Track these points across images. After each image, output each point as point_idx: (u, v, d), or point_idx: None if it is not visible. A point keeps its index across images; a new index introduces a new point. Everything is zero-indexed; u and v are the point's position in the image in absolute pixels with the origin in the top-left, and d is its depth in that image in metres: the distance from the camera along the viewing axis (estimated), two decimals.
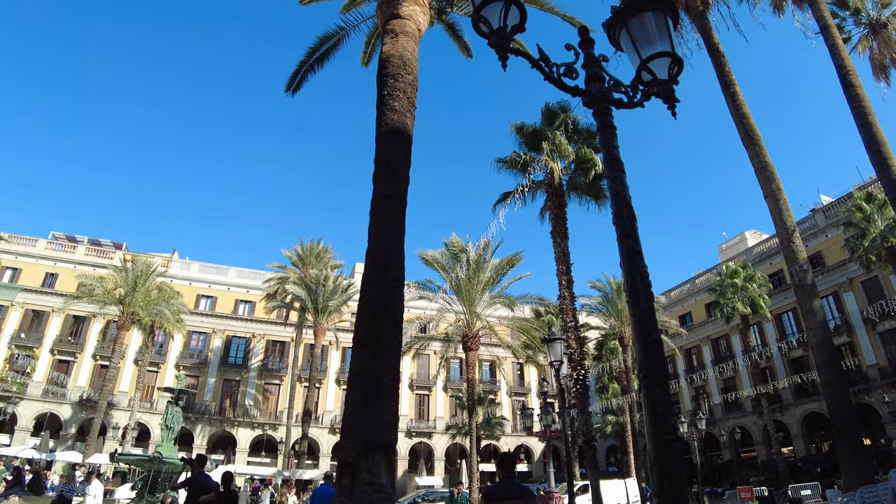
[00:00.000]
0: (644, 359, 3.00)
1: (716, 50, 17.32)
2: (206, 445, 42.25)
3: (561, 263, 20.32)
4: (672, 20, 3.95)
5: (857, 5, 22.33)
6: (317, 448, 44.34)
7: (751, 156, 15.91)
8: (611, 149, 3.65)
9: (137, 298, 35.43)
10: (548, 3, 13.13)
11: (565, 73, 3.77)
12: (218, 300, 48.08)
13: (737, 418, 41.38)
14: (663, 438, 2.80)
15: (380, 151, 8.56)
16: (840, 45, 16.21)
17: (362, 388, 6.70)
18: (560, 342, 12.92)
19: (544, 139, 21.60)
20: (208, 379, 44.88)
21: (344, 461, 6.23)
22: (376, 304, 7.27)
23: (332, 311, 39.41)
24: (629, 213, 3.44)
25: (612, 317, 39.14)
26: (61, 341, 42.26)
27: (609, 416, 44.73)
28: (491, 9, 3.51)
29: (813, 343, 13.88)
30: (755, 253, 43.53)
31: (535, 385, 52.31)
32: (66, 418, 39.74)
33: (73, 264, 44.51)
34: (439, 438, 47.84)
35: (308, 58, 13.74)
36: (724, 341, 44.54)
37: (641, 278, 3.21)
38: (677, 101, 3.95)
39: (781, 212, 14.94)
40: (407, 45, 9.52)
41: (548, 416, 22.60)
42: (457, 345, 33.14)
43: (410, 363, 48.32)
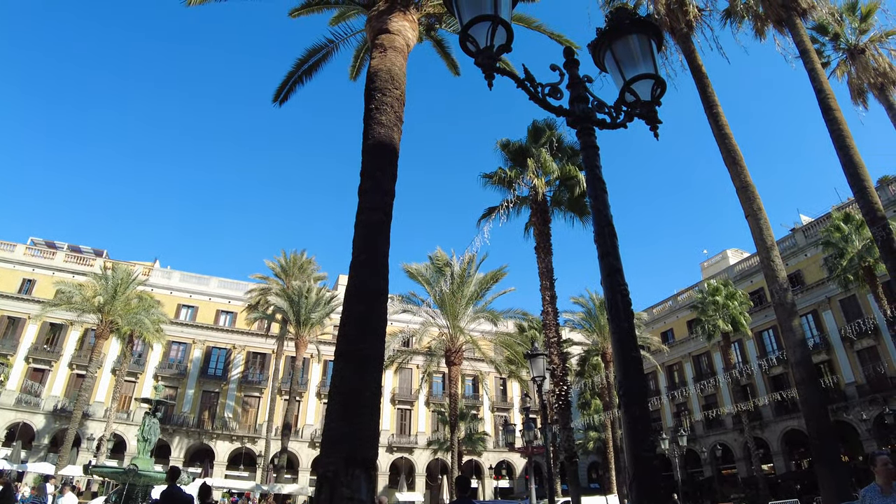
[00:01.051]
0: (623, 376, 3.03)
1: (699, 71, 17.64)
2: (183, 458, 41.51)
3: (545, 279, 20.42)
4: (656, 43, 4.03)
5: (835, 31, 22.90)
6: (296, 462, 43.78)
7: (732, 175, 16.15)
8: (593, 168, 3.70)
9: (117, 307, 34.88)
10: (535, 22, 13.30)
11: (550, 93, 3.82)
12: (199, 310, 47.51)
13: (718, 435, 41.59)
14: (642, 456, 2.82)
15: (366, 164, 8.59)
16: (819, 69, 16.60)
17: (343, 401, 6.66)
18: (543, 357, 12.93)
19: (529, 156, 21.80)
20: (187, 390, 44.21)
21: (323, 475, 6.17)
22: (359, 317, 7.25)
23: (314, 323, 39.15)
24: (610, 232, 3.48)
25: (594, 333, 39.31)
26: (37, 349, 41.39)
27: (591, 433, 44.77)
28: (478, 28, 3.54)
29: (792, 361, 14.04)
30: (736, 271, 44.04)
31: (518, 400, 52.20)
32: (40, 428, 38.83)
33: (52, 271, 43.78)
34: (421, 454, 47.47)
35: (296, 69, 13.77)
36: (705, 358, 44.84)
37: (622, 296, 3.24)
38: (659, 123, 4.02)
39: (762, 231, 15.16)
40: (395, 60, 9.60)
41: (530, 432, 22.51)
42: (440, 359, 33.10)
43: (392, 377, 48.03)
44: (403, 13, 10.31)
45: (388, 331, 8.48)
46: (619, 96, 4.02)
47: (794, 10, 17.18)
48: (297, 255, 44.91)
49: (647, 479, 2.79)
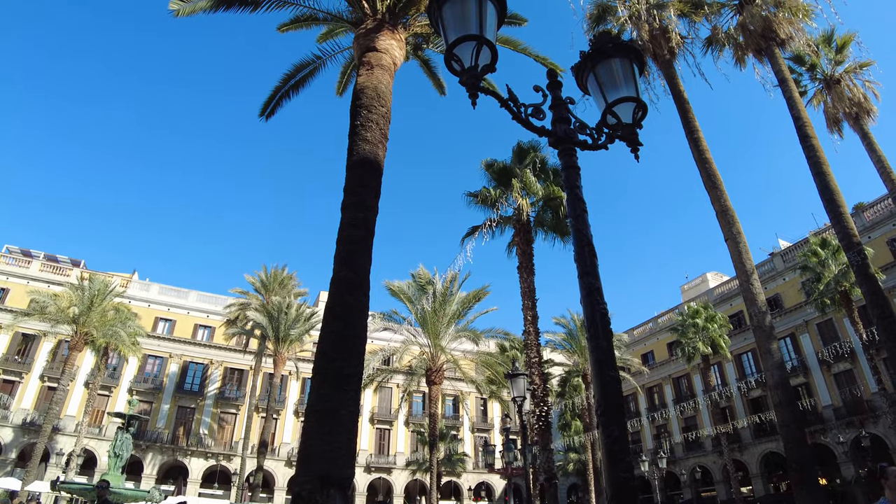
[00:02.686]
0: (602, 396, 3.02)
1: (681, 96, 17.95)
2: (156, 475, 40.56)
3: (527, 299, 20.45)
4: (638, 67, 4.10)
5: (812, 61, 23.53)
6: (272, 481, 43.00)
7: (712, 199, 16.38)
8: (574, 188, 3.73)
9: (93, 318, 34.20)
10: (521, 45, 13.48)
11: (533, 113, 3.87)
12: (176, 324, 46.79)
13: (697, 457, 41.67)
14: (620, 477, 2.81)
15: (350, 180, 8.59)
16: (797, 98, 17.01)
17: (320, 420, 6.57)
18: (523, 378, 12.90)
19: (514, 176, 21.96)
20: (162, 405, 43.36)
21: (298, 495, 6.07)
22: (338, 335, 7.19)
23: (293, 339, 38.74)
24: (590, 251, 3.50)
25: (575, 353, 39.38)
26: (7, 360, 40.32)
27: (571, 454, 44.59)
28: (463, 48, 3.59)
29: (771, 383, 14.15)
30: (716, 294, 44.51)
31: (499, 421, 51.96)
32: (7, 442, 37.70)
33: (27, 279, 42.90)
34: (399, 474, 46.90)
35: (283, 84, 13.77)
36: (685, 380, 45.07)
37: (601, 315, 3.25)
38: (640, 145, 4.08)
39: (741, 254, 15.35)
40: (382, 78, 9.66)
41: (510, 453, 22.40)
42: (420, 378, 32.86)
43: (372, 396, 47.55)
44: (391, 32, 10.41)
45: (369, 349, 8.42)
46: (601, 118, 4.07)
47: (773, 41, 17.62)
48: (277, 270, 44.56)
49: (625, 501, 2.77)
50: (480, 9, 3.65)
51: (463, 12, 3.67)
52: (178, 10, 11.37)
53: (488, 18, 3.68)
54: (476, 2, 3.65)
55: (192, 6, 11.42)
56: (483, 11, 3.65)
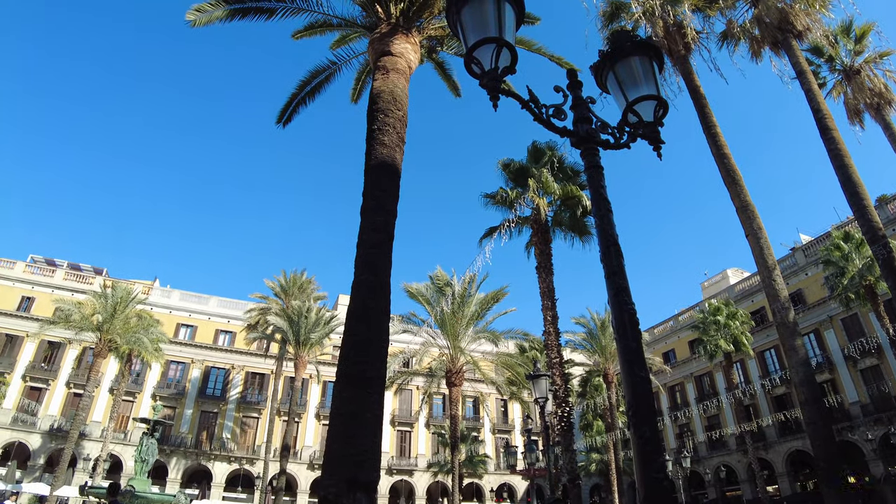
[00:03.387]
0: (632, 396, 3.00)
1: (697, 92, 17.78)
2: (180, 479, 41.05)
3: (546, 299, 20.35)
4: (657, 65, 4.08)
5: (830, 53, 23.17)
6: (295, 484, 43.29)
7: (732, 195, 16.19)
8: (598, 188, 3.72)
9: (116, 326, 34.73)
10: (536, 45, 13.45)
11: (554, 114, 3.86)
12: (198, 329, 47.34)
13: (721, 456, 41.18)
14: (653, 477, 2.79)
15: (368, 184, 8.63)
16: (816, 90, 16.76)
17: (344, 423, 6.60)
18: (545, 378, 12.84)
19: (530, 176, 21.86)
20: (185, 410, 43.87)
21: (325, 498, 6.11)
22: (361, 338, 7.22)
23: (313, 343, 38.97)
24: (616, 251, 3.48)
25: (596, 353, 39.11)
26: (34, 367, 41.12)
27: (593, 454, 44.28)
28: (483, 50, 3.59)
29: (796, 381, 13.95)
30: (737, 291, 43.98)
31: (519, 422, 51.80)
32: (35, 448, 38.41)
33: (51, 288, 43.71)
34: (421, 476, 46.94)
35: (299, 91, 13.89)
36: (707, 379, 44.58)
37: (629, 315, 3.23)
38: (662, 143, 4.05)
39: (762, 250, 15.15)
40: (398, 82, 9.69)
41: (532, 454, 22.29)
42: (440, 380, 32.85)
43: (392, 398, 47.65)
44: (406, 35, 10.44)
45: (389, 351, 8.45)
46: (622, 117, 4.06)
47: (790, 33, 17.38)
48: (297, 274, 44.85)
49: (658, 500, 2.76)
50: (499, 11, 3.64)
51: (482, 15, 3.67)
52: (194, 21, 11.51)
53: (507, 20, 3.67)
54: (494, 4, 3.65)
55: (209, 16, 11.56)
56: (502, 13, 3.65)
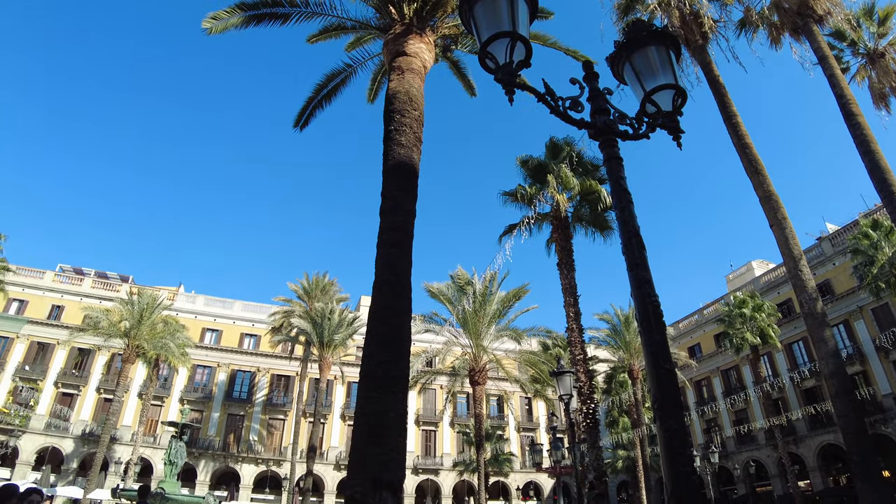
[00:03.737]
0: (657, 389, 2.96)
1: (716, 81, 17.52)
2: (209, 481, 41.64)
3: (568, 295, 20.23)
4: (674, 54, 4.03)
5: (853, 37, 22.64)
6: (322, 485, 43.61)
7: (755, 185, 15.92)
8: (618, 180, 3.68)
9: (143, 331, 35.37)
10: (550, 39, 13.37)
11: (570, 106, 3.82)
12: (223, 334, 47.95)
13: (750, 451, 40.54)
14: (680, 471, 2.74)
15: (387, 185, 8.65)
16: (839, 75, 16.39)
17: (369, 423, 6.62)
18: (569, 375, 12.75)
19: (549, 172, 21.75)
20: (212, 413, 44.47)
21: (351, 498, 6.13)
22: (383, 338, 7.24)
23: (337, 344, 39.22)
24: (638, 243, 3.44)
25: (620, 349, 38.75)
26: (65, 374, 42.07)
27: (620, 451, 43.93)
28: (497, 45, 3.57)
29: (826, 373, 13.68)
30: (763, 282, 43.27)
31: (544, 420, 51.57)
32: (69, 452, 39.29)
33: (80, 297, 44.62)
34: (446, 475, 46.99)
35: (316, 94, 13.98)
36: (734, 372, 43.94)
37: (653, 307, 3.19)
38: (682, 133, 4.00)
39: (788, 240, 14.88)
40: (413, 82, 9.70)
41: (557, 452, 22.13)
42: (463, 379, 32.84)
43: (416, 398, 47.75)
44: (420, 35, 10.44)
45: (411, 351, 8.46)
46: (640, 107, 4.01)
47: (810, 18, 17.04)
48: (319, 276, 45.16)
49: (686, 496, 2.71)
50: (512, 5, 3.62)
51: (495, 10, 3.65)
52: (210, 28, 11.66)
53: (520, 14, 3.65)
54: None
55: (224, 24, 11.69)
56: (515, 7, 3.63)
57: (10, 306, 42.52)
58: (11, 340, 41.57)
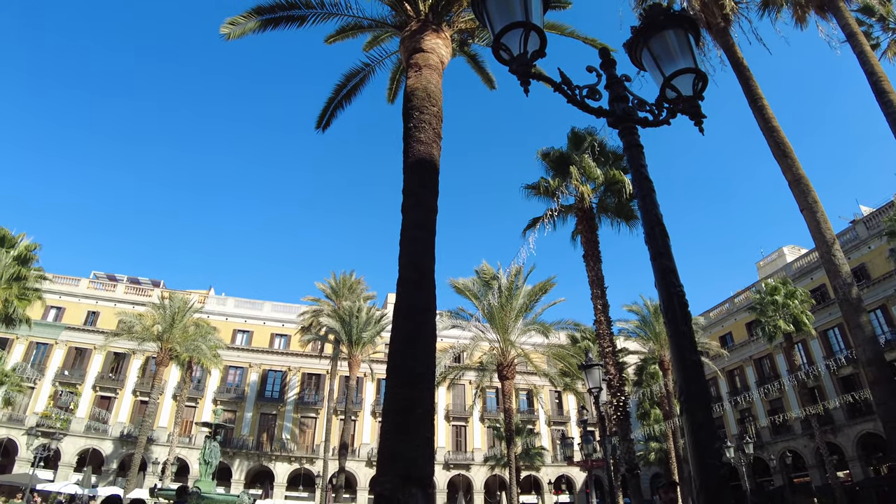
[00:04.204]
0: (684, 381, 2.89)
1: (740, 64, 17.12)
2: (244, 480, 42.34)
3: (595, 287, 20.02)
4: (693, 37, 3.93)
5: (881, 12, 21.94)
6: (354, 482, 44.01)
7: (783, 169, 15.53)
8: (639, 167, 3.61)
9: (175, 335, 36.10)
10: (568, 28, 13.21)
11: (588, 95, 3.76)
12: (254, 335, 48.66)
13: (786, 441, 39.76)
14: (708, 464, 2.68)
15: (407, 182, 8.65)
16: (868, 51, 15.88)
17: (396, 419, 6.64)
18: (598, 368, 12.61)
19: (572, 163, 21.51)
20: (245, 413, 45.18)
21: (381, 494, 6.16)
22: (408, 335, 7.25)
23: (365, 342, 39.49)
24: (661, 231, 3.37)
25: (650, 340, 38.30)
26: (103, 378, 43.20)
27: (652, 443, 43.46)
28: (511, 36, 3.53)
29: (863, 360, 13.31)
30: (795, 268, 42.34)
31: (575, 413, 51.29)
32: (108, 454, 40.36)
33: (114, 302, 45.71)
34: (478, 470, 47.05)
35: (335, 95, 14.05)
36: (767, 361, 43.11)
37: (677, 298, 3.11)
38: (704, 117, 3.91)
39: (819, 224, 14.49)
40: (431, 78, 9.67)
41: (589, 445, 21.95)
42: (492, 374, 32.79)
43: (445, 394, 47.86)
44: (436, 31, 10.41)
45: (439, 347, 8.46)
46: (660, 93, 3.92)
47: None
48: (346, 275, 45.49)
49: (714, 489, 2.65)
50: None
51: (507, 1, 3.60)
52: (228, 34, 11.78)
53: (533, 3, 3.58)
54: None
55: (242, 28, 11.80)
56: None
57: (49, 314, 43.70)
58: (51, 346, 42.80)
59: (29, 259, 30.11)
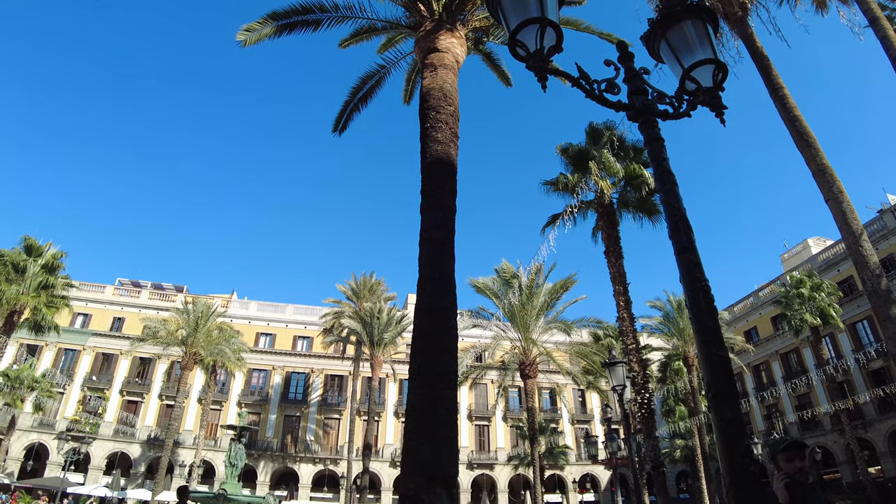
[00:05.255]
0: (711, 377, 2.84)
1: (759, 54, 16.82)
2: (269, 481, 42.74)
3: (617, 284, 19.83)
4: (712, 27, 3.87)
5: None
6: (378, 482, 44.18)
7: (807, 159, 15.22)
8: (660, 161, 3.55)
9: (199, 339, 36.57)
10: (583, 24, 13.11)
11: (606, 89, 3.71)
12: (276, 337, 49.12)
13: (815, 437, 39.04)
14: (739, 462, 2.62)
15: (425, 182, 8.63)
16: (892, 36, 15.46)
17: (419, 419, 6.63)
18: (622, 366, 12.48)
19: (591, 158, 21.33)
20: (269, 415, 45.62)
21: (405, 495, 6.16)
22: (430, 335, 7.24)
23: (387, 343, 39.62)
24: (685, 226, 3.31)
25: (674, 336, 37.84)
26: (129, 382, 44.01)
27: (677, 441, 42.99)
28: (526, 32, 3.49)
29: (893, 353, 13.03)
30: (820, 260, 41.57)
31: (598, 411, 50.94)
32: (136, 457, 41.07)
33: (139, 308, 46.50)
34: (501, 470, 46.95)
35: (352, 98, 14.09)
36: (794, 355, 42.39)
37: (703, 292, 3.06)
38: (725, 108, 3.85)
39: (846, 215, 14.17)
40: (446, 78, 9.64)
41: (613, 444, 21.78)
42: (514, 373, 32.66)
43: (468, 393, 47.86)
44: (450, 31, 10.37)
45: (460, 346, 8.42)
46: (680, 85, 3.86)
47: None
48: (366, 277, 45.71)
49: (745, 487, 2.59)
50: None
51: None
52: (245, 41, 11.89)
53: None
54: None
55: (258, 35, 11.90)
56: None
57: (76, 320, 44.59)
58: (79, 352, 43.68)
59: (56, 267, 30.72)
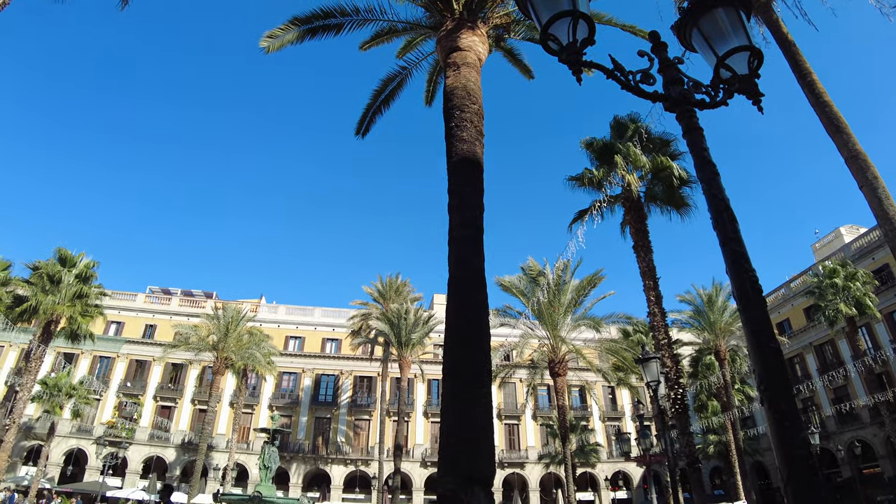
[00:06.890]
0: (762, 369, 2.77)
1: (785, 40, 16.44)
2: (301, 483, 43.19)
3: (647, 279, 19.55)
4: (745, 13, 3.81)
5: None
6: (409, 482, 44.32)
7: (838, 145, 14.82)
8: (701, 152, 3.49)
9: (230, 344, 37.12)
10: (605, 16, 13.01)
11: (642, 79, 3.66)
12: (306, 340, 49.64)
13: (854, 431, 38.10)
14: (796, 455, 2.56)
15: (452, 182, 8.60)
16: None
17: (455, 419, 6.61)
18: (655, 361, 12.32)
19: (616, 152, 21.06)
20: (300, 417, 46.08)
21: (443, 495, 6.14)
22: (463, 334, 7.21)
23: (415, 343, 39.74)
24: (729, 216, 3.25)
25: (704, 330, 37.28)
26: (163, 388, 44.89)
27: (710, 436, 42.33)
28: (558, 25, 3.47)
29: None
30: (854, 249, 40.54)
31: (629, 408, 50.44)
32: (171, 461, 41.84)
33: (170, 315, 47.37)
34: (532, 468, 46.74)
35: (374, 100, 14.17)
36: (829, 347, 41.44)
37: (751, 282, 2.99)
38: (762, 96, 3.77)
39: (881, 201, 13.76)
40: (469, 76, 9.62)
41: (646, 440, 21.55)
42: (543, 371, 32.48)
43: (497, 392, 47.74)
44: (472, 29, 10.35)
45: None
46: (714, 74, 3.80)
47: None
48: (392, 278, 45.94)
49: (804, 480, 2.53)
50: None
51: None
52: (268, 47, 12.02)
53: None
54: None
55: (281, 41, 12.02)
56: None
57: (109, 328, 45.58)
58: (113, 360, 44.68)
59: (89, 277, 31.42)
